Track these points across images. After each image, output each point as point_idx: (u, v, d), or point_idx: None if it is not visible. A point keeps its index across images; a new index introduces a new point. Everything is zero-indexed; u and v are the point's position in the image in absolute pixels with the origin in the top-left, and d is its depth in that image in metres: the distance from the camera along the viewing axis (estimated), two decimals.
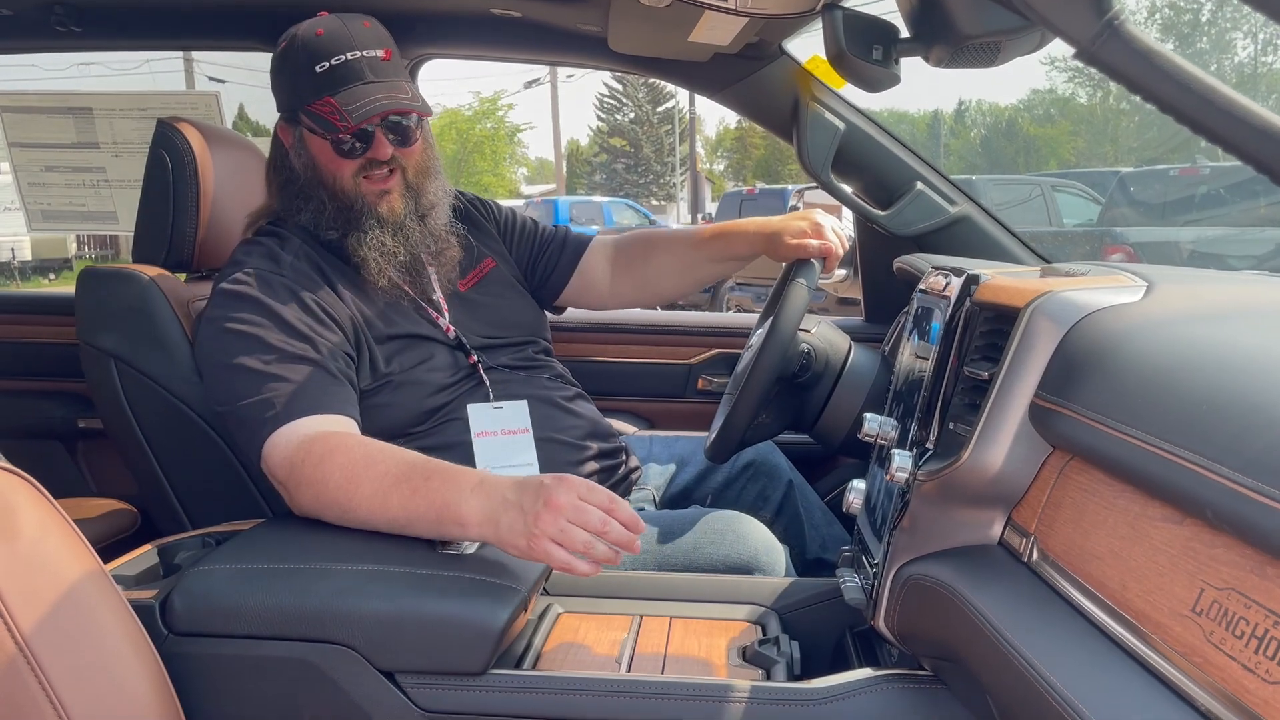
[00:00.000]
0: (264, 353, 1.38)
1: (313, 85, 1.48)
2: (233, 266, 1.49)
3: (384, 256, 1.53)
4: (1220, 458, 0.62)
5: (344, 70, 1.47)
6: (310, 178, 1.54)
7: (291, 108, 1.53)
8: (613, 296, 1.95)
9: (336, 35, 1.48)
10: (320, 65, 1.47)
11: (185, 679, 1.06)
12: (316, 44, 1.48)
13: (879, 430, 1.22)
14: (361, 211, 1.53)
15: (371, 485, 1.22)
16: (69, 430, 2.27)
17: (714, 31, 1.73)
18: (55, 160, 2.51)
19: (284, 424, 1.33)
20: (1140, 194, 9.43)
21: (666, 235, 1.96)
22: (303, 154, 1.54)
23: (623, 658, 1.21)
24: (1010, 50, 1.04)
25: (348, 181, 1.53)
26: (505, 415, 1.56)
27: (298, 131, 1.54)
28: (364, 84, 1.48)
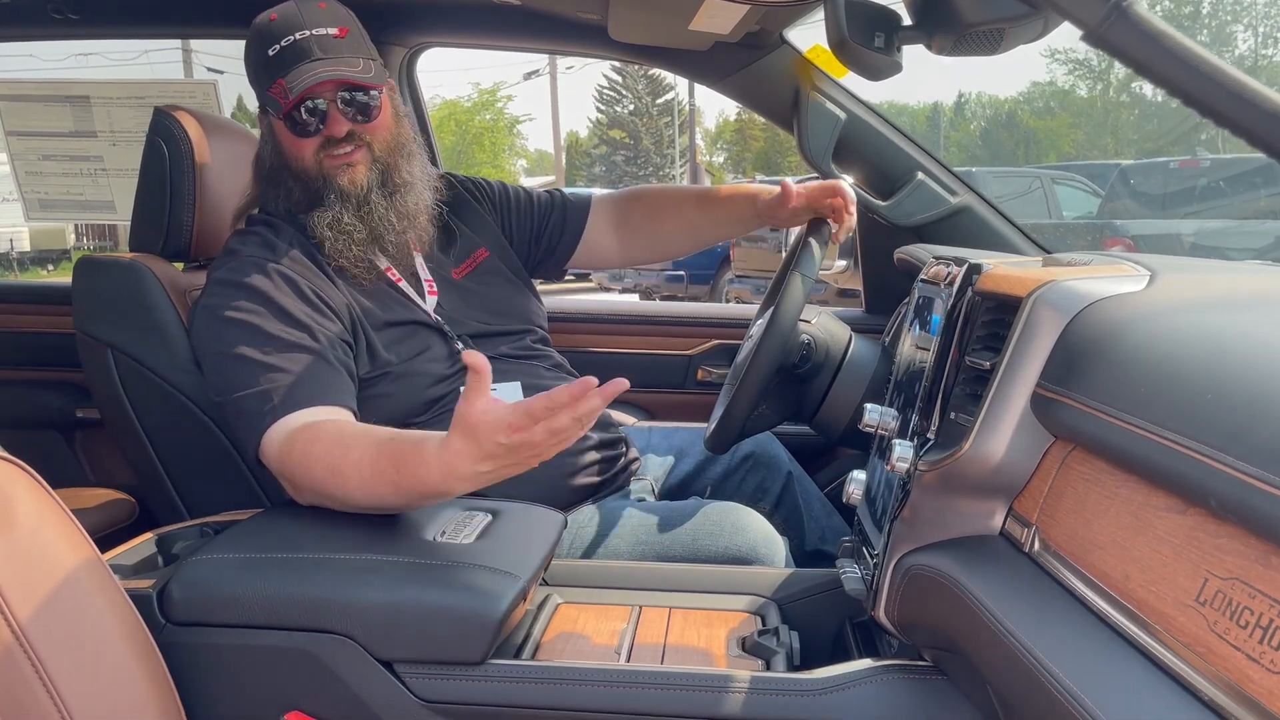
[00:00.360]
0: (262, 342, 1.37)
1: (267, 70, 1.48)
2: (228, 255, 1.48)
3: (340, 234, 1.51)
4: (1225, 447, 0.62)
5: (292, 50, 1.47)
6: (277, 162, 1.55)
7: (259, 96, 1.53)
8: (623, 257, 1.97)
9: (288, 18, 1.48)
10: (272, 49, 1.47)
11: (183, 669, 1.05)
12: (269, 29, 1.48)
13: (880, 421, 1.22)
14: (324, 188, 1.51)
15: (353, 475, 1.20)
16: (67, 420, 2.27)
17: (715, 19, 1.72)
18: (53, 149, 2.50)
19: (280, 417, 1.32)
20: (1140, 186, 9.41)
21: (667, 199, 1.96)
22: (269, 140, 1.55)
23: (622, 648, 1.21)
24: (1013, 38, 1.03)
25: (310, 160, 1.52)
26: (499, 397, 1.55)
27: (265, 118, 1.55)
28: (310, 61, 1.46)
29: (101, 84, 2.47)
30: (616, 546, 1.52)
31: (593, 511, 1.57)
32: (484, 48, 2.27)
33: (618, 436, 1.71)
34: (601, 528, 1.54)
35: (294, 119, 1.49)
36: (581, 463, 1.61)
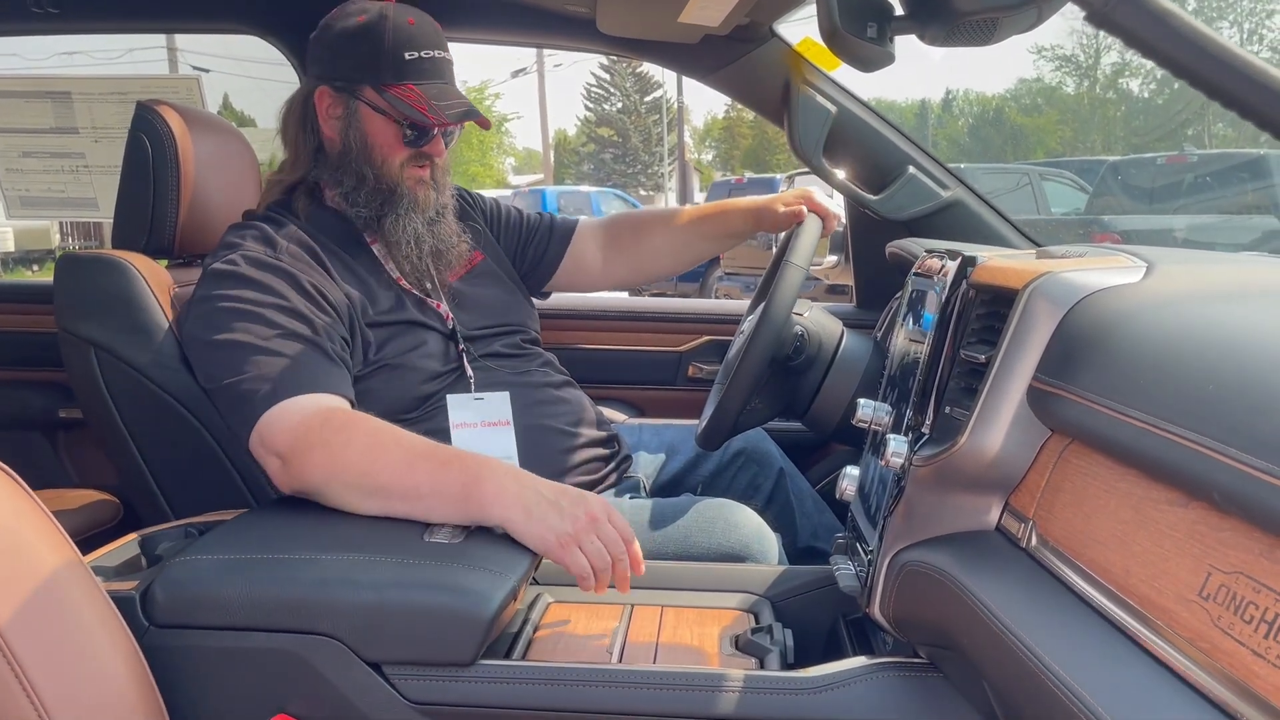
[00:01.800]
0: (261, 327, 1.35)
1: (398, 68, 1.50)
2: (225, 249, 1.46)
3: (415, 241, 1.56)
4: (1228, 438, 0.60)
5: (433, 65, 1.52)
6: (359, 152, 1.55)
7: (355, 80, 1.52)
8: (605, 278, 1.98)
9: (426, 31, 1.53)
10: (411, 53, 1.50)
11: (167, 671, 1.03)
12: (409, 31, 1.51)
13: (873, 416, 1.21)
14: (401, 196, 1.56)
15: (399, 455, 1.21)
16: (50, 421, 2.24)
17: (704, 12, 1.71)
18: (34, 146, 2.47)
19: (284, 399, 1.30)
20: (1128, 182, 9.45)
21: (658, 215, 2.00)
22: (353, 127, 1.54)
23: (614, 647, 1.19)
24: (1007, 27, 1.01)
25: (395, 166, 1.55)
26: (486, 406, 1.54)
27: (351, 104, 1.54)
28: (445, 84, 1.54)
29: (83, 80, 2.44)
30: None
31: None
32: (473, 41, 2.25)
33: (610, 434, 1.70)
34: None
35: (421, 130, 1.54)
36: (573, 462, 1.60)
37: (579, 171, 45.46)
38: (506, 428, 1.55)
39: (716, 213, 1.94)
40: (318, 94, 1.55)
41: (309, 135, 1.58)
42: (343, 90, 1.54)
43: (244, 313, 1.37)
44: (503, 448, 1.53)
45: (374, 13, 1.53)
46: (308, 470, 1.25)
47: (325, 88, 1.55)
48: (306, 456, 1.25)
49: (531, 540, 1.15)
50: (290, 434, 1.27)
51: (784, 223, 1.79)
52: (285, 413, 1.29)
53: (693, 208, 1.99)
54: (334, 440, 1.24)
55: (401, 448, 1.23)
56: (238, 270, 1.41)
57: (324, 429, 1.26)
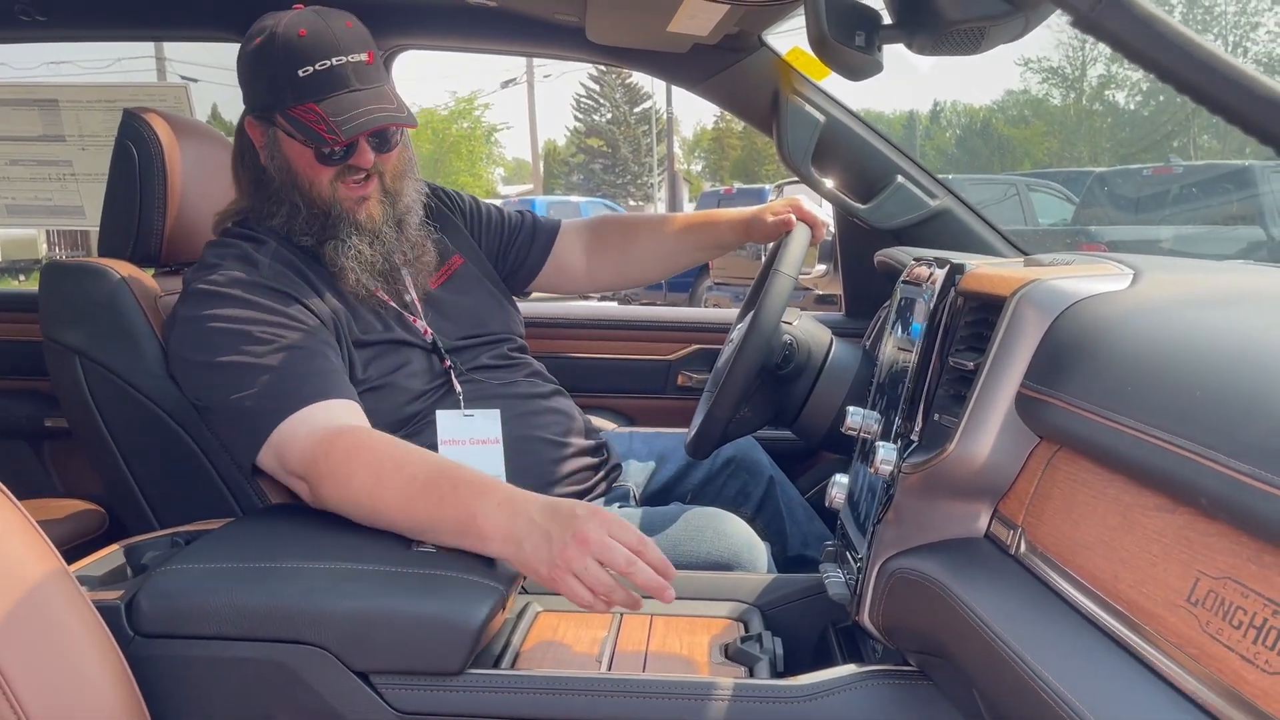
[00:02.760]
0: (254, 344, 1.34)
1: (294, 90, 1.41)
2: (206, 269, 1.43)
3: (361, 265, 1.50)
4: (1215, 444, 0.61)
5: (329, 76, 1.41)
6: (285, 181, 1.49)
7: (266, 107, 1.47)
8: (589, 280, 1.97)
9: (320, 37, 1.42)
10: (303, 69, 1.40)
11: (153, 682, 1.03)
12: (299, 45, 1.41)
13: (862, 424, 1.21)
14: (338, 219, 1.49)
15: (398, 489, 1.18)
16: (35, 430, 2.22)
17: (693, 21, 1.72)
18: (20, 154, 2.45)
19: (294, 411, 1.29)
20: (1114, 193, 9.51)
21: (647, 221, 1.98)
22: (276, 156, 1.48)
23: (603, 656, 1.19)
24: (994, 37, 1.02)
25: (325, 188, 1.48)
26: (475, 424, 1.53)
27: (271, 132, 1.48)
28: (350, 92, 1.43)
29: (70, 87, 2.43)
30: None
31: None
32: (461, 50, 2.25)
33: (599, 443, 1.70)
34: None
35: (328, 151, 1.45)
36: (561, 472, 1.59)
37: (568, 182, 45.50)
38: (495, 446, 1.53)
39: (705, 222, 1.94)
40: (246, 124, 1.51)
41: (248, 166, 1.53)
42: (261, 118, 1.49)
43: (235, 332, 1.35)
44: (490, 466, 1.52)
45: (267, 31, 1.44)
46: (326, 500, 1.25)
47: (250, 117, 1.51)
48: (321, 487, 1.25)
49: (527, 572, 1.12)
50: (304, 457, 1.26)
51: (773, 232, 1.79)
52: (294, 431, 1.28)
53: (682, 216, 1.98)
54: (340, 473, 1.23)
55: (401, 480, 1.18)
56: (222, 290, 1.39)
57: (330, 458, 1.24)
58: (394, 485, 1.18)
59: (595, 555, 1.07)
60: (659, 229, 1.95)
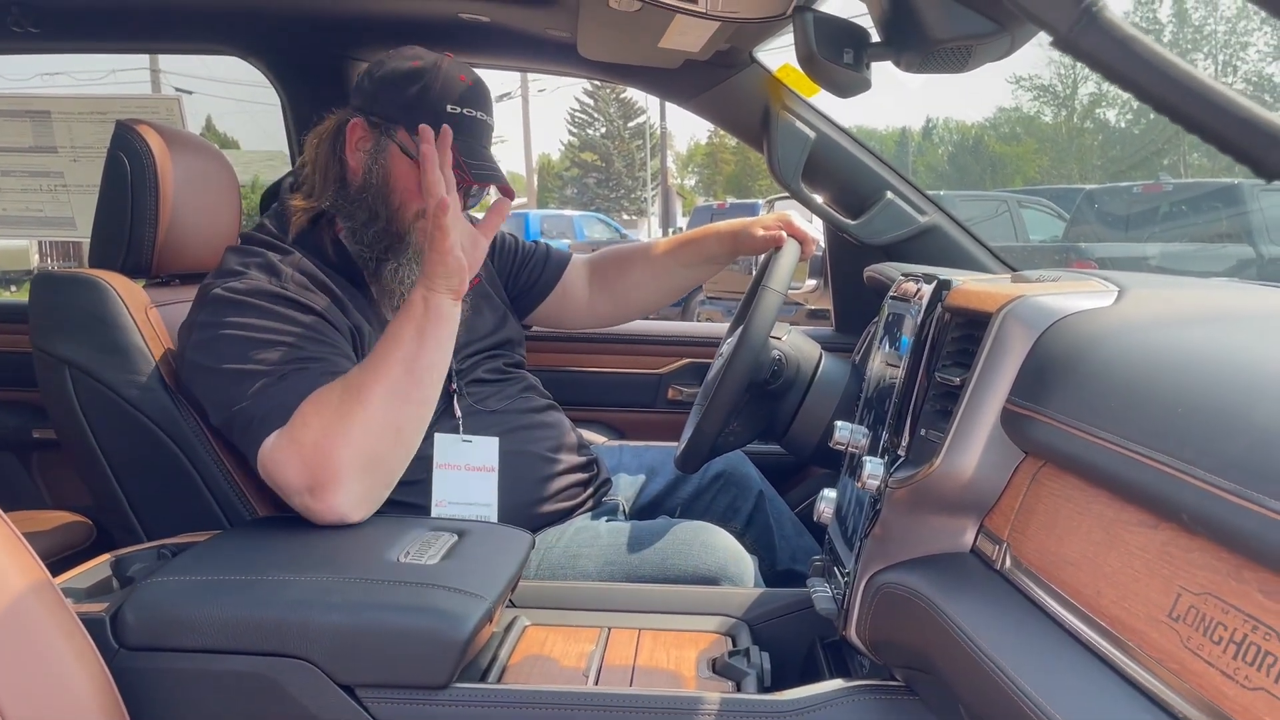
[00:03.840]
0: (270, 352, 1.34)
1: (439, 117, 1.47)
2: (229, 275, 1.43)
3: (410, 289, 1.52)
4: (1196, 460, 0.61)
5: (474, 125, 1.52)
6: (378, 189, 1.52)
7: (392, 118, 1.50)
8: (589, 315, 1.99)
9: (477, 92, 1.54)
10: (454, 107, 1.50)
11: (138, 695, 1.02)
12: (459, 87, 1.51)
13: (850, 438, 1.21)
14: (408, 245, 1.52)
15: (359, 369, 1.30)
16: (23, 441, 2.22)
17: (684, 37, 1.73)
18: (11, 165, 2.45)
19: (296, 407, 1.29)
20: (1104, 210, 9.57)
21: (637, 249, 2.01)
22: (378, 163, 1.52)
23: (590, 670, 1.18)
24: (981, 55, 1.03)
25: (409, 213, 1.52)
26: (473, 450, 1.53)
27: (382, 141, 1.51)
28: (482, 144, 1.55)
29: (63, 99, 2.43)
30: (585, 567, 1.50)
31: (560, 531, 1.55)
32: None
33: (589, 459, 1.70)
34: (570, 548, 1.52)
35: None
36: (551, 489, 1.59)
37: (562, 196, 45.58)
38: (490, 474, 1.53)
39: (693, 239, 1.94)
40: (352, 124, 1.53)
41: (335, 162, 1.55)
42: (377, 125, 1.52)
43: (252, 340, 1.35)
44: (482, 494, 1.52)
45: (429, 61, 1.52)
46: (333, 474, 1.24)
47: (360, 119, 1.53)
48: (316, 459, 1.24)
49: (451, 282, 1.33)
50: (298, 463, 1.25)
51: (762, 246, 1.80)
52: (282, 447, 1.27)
53: (670, 238, 2.00)
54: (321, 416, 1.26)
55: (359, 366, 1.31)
56: (242, 299, 1.39)
57: (308, 420, 1.26)
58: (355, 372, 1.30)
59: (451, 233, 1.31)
60: (648, 253, 1.97)
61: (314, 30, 1.57)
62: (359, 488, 1.25)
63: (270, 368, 1.32)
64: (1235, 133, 0.44)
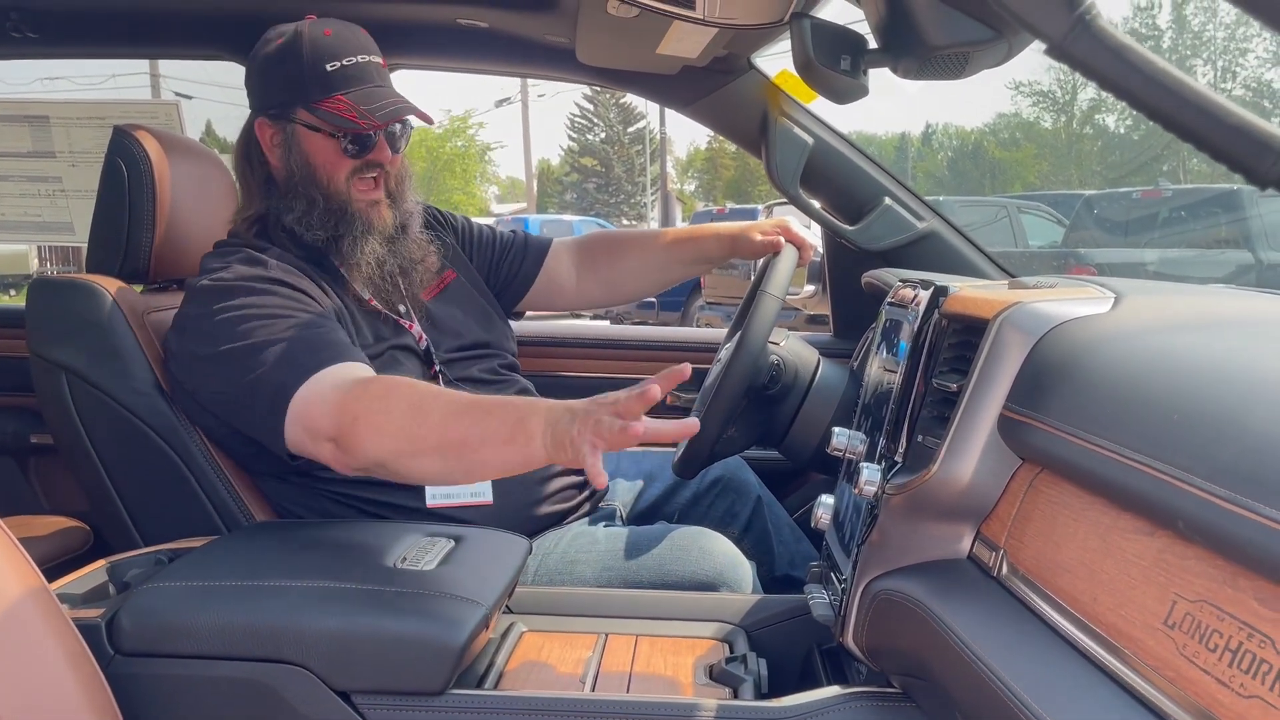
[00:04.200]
0: (268, 324, 1.34)
1: (322, 82, 1.48)
2: (212, 271, 1.44)
3: (377, 263, 1.54)
4: (1191, 467, 0.61)
5: (357, 70, 1.50)
6: (303, 175, 1.52)
7: (285, 104, 1.51)
8: (579, 297, 1.98)
9: (345, 37, 1.51)
10: (331, 64, 1.48)
11: (133, 701, 1.02)
12: (326, 43, 1.49)
13: (847, 444, 1.21)
14: (353, 217, 1.53)
15: (440, 412, 1.22)
16: (21, 446, 2.21)
17: (682, 43, 1.73)
18: (9, 169, 2.45)
19: (312, 374, 1.29)
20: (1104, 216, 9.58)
21: (635, 236, 2.00)
22: (294, 151, 1.52)
23: (587, 677, 1.18)
24: (978, 62, 1.03)
25: (341, 183, 1.52)
26: None
27: (288, 129, 1.52)
28: (376, 86, 1.51)
29: (61, 104, 2.43)
30: (582, 573, 1.49)
31: (558, 537, 1.55)
32: (453, 70, 2.26)
33: None
34: (567, 553, 1.52)
35: (361, 137, 1.50)
36: (546, 491, 1.59)
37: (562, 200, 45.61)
38: None
39: (693, 237, 1.95)
40: (257, 125, 1.55)
41: (256, 169, 1.56)
42: (278, 117, 1.53)
43: (248, 317, 1.35)
44: (478, 484, 1.52)
45: (290, 33, 1.51)
46: (359, 446, 1.25)
47: (262, 118, 1.54)
48: (353, 431, 1.24)
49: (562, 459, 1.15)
50: (332, 412, 1.26)
51: (760, 250, 1.80)
52: (319, 391, 1.28)
53: (670, 230, 1.99)
54: (376, 408, 1.24)
55: (442, 403, 1.24)
56: (230, 283, 1.40)
57: (364, 399, 1.25)
58: (435, 410, 1.22)
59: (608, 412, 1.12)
60: (646, 244, 1.97)
61: None
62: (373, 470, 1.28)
63: (268, 338, 1.33)
64: (1228, 140, 0.44)
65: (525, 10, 1.84)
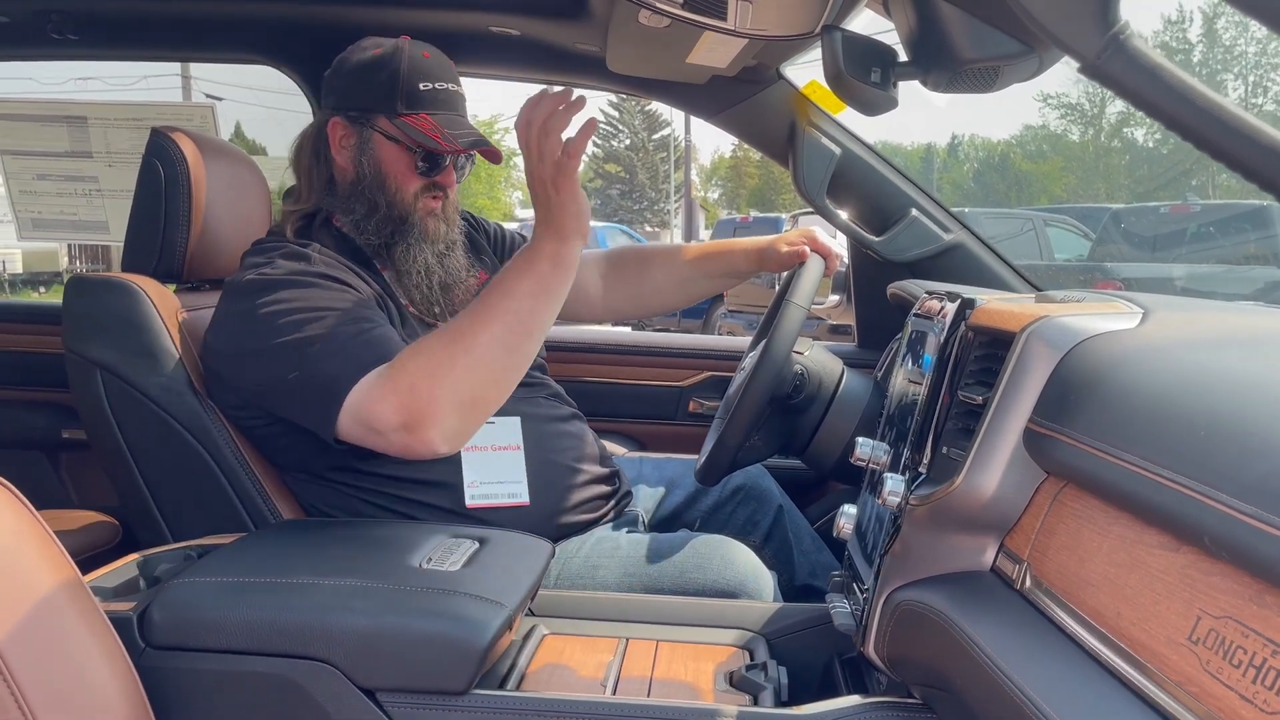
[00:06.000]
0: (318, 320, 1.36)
1: (413, 98, 1.54)
2: (254, 267, 1.46)
3: (426, 272, 1.58)
4: (1219, 484, 0.61)
5: (446, 97, 1.57)
6: (373, 179, 1.57)
7: (369, 109, 1.56)
8: (605, 309, 1.99)
9: (442, 64, 1.59)
10: (425, 84, 1.55)
11: (162, 693, 1.03)
12: (424, 64, 1.56)
13: (871, 455, 1.21)
14: (413, 225, 1.58)
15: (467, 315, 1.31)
16: (52, 441, 2.25)
17: (712, 54, 1.74)
18: (48, 169, 2.49)
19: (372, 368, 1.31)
20: (1131, 230, 9.50)
21: (662, 250, 2.01)
22: (366, 156, 1.57)
23: (608, 680, 1.19)
24: (1008, 76, 1.04)
25: (409, 195, 1.58)
26: (496, 431, 1.55)
27: (365, 133, 1.56)
28: (459, 115, 1.59)
29: (99, 105, 2.47)
30: (604, 578, 1.50)
31: (581, 542, 1.56)
32: (483, 77, 2.28)
33: (611, 471, 1.70)
34: (590, 558, 1.53)
35: (424, 156, 1.56)
36: (575, 500, 1.60)
37: None
38: (516, 452, 1.56)
39: (720, 251, 1.96)
40: (331, 124, 1.58)
41: (321, 166, 1.60)
42: (356, 120, 1.57)
43: (296, 310, 1.37)
44: (511, 473, 1.54)
45: (389, 46, 1.57)
46: (430, 408, 1.27)
47: (338, 118, 1.58)
48: (416, 399, 1.27)
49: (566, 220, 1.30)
50: (386, 399, 1.28)
51: (787, 262, 1.81)
52: (368, 387, 1.30)
53: (696, 245, 2.01)
54: (419, 361, 1.29)
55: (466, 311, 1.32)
56: (275, 278, 1.41)
57: (405, 365, 1.29)
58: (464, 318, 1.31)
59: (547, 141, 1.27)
60: (673, 258, 1.98)
61: (347, 41, 1.60)
62: (453, 423, 1.30)
63: (321, 332, 1.34)
64: (1261, 161, 0.45)
65: (556, 19, 1.86)
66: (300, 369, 1.33)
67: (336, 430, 1.33)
